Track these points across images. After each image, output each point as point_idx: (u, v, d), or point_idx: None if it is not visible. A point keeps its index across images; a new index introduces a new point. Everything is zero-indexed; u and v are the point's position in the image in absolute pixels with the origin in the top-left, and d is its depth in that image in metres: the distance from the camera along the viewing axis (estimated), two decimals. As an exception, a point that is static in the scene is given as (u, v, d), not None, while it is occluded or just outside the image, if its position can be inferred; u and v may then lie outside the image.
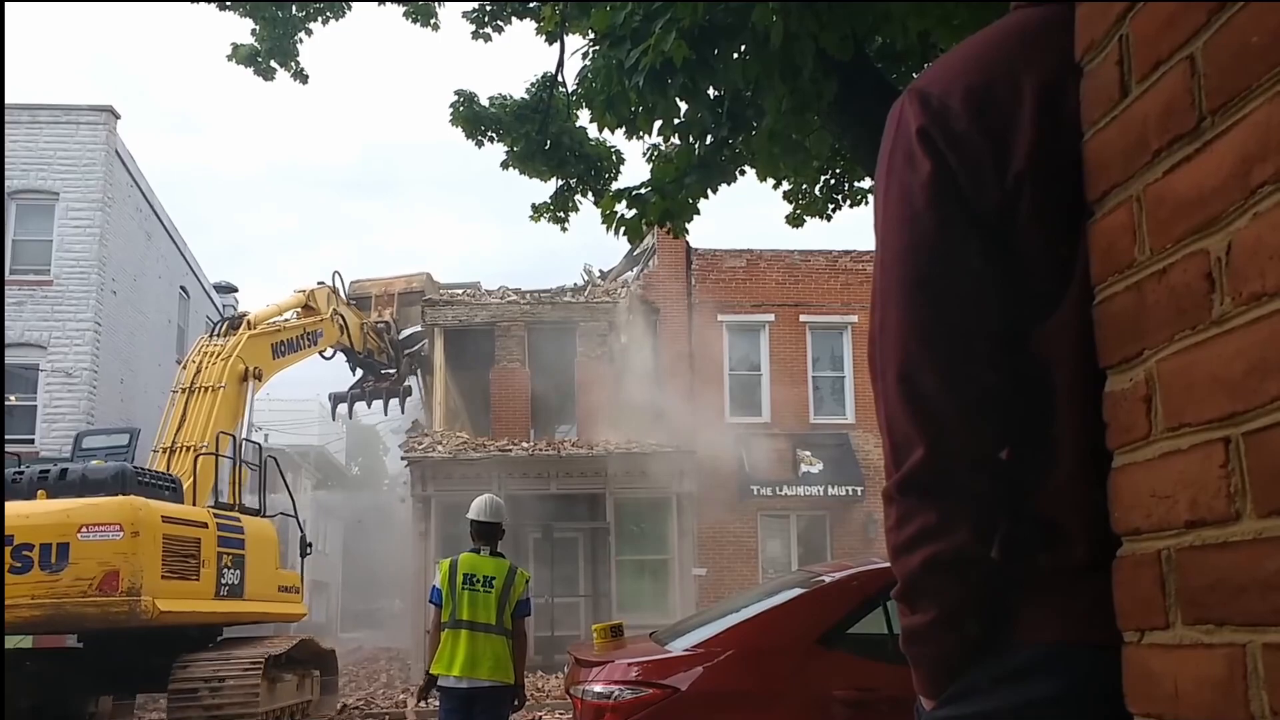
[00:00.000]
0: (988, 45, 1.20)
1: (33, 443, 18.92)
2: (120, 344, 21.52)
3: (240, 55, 10.75)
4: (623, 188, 7.89)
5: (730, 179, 7.53)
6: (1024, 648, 1.11)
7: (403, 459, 19.24)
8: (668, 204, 7.23)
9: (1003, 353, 1.13)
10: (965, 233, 1.12)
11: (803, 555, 19.31)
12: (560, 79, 9.15)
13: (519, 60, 14.06)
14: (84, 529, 9.23)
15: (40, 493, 9.68)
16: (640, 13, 5.70)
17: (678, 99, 6.02)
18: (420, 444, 18.74)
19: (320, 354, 16.16)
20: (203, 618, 10.45)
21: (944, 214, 1.13)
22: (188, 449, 11.65)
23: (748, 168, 7.49)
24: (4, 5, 5.79)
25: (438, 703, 6.01)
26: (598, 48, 6.77)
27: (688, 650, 4.73)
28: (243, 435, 12.32)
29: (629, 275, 22.02)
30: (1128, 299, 0.99)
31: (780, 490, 19.32)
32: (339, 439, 40.08)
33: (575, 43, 10.68)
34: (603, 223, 7.48)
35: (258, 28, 10.64)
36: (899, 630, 1.21)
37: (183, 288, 26.00)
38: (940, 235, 1.13)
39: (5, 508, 8.89)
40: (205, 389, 12.20)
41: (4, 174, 17.49)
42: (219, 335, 13.26)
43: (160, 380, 21.16)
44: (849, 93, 5.82)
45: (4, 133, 17.62)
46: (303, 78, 11.00)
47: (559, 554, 18.53)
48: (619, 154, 9.65)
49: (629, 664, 4.70)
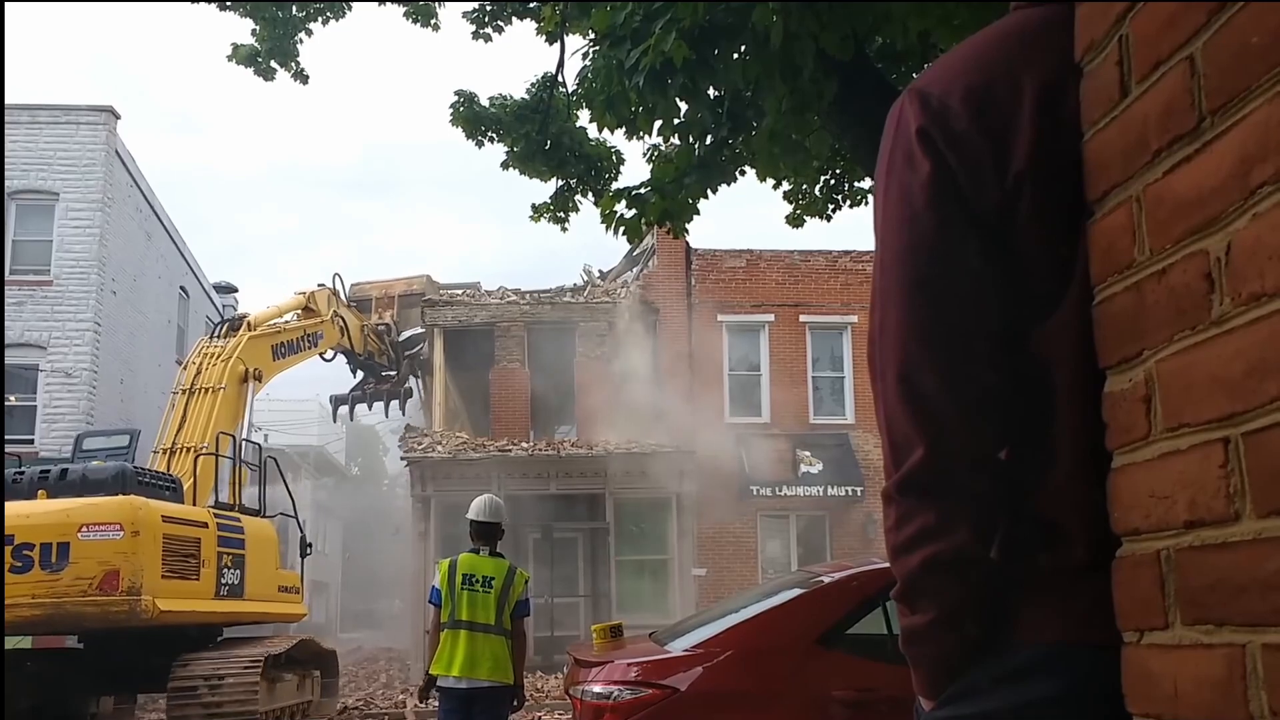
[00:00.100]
0: (988, 45, 1.20)
1: (32, 443, 18.93)
2: (120, 344, 21.51)
3: (240, 55, 10.76)
4: (623, 188, 7.90)
5: (730, 179, 7.54)
6: (1024, 648, 1.11)
7: (402, 459, 19.24)
8: (667, 204, 7.24)
9: (1003, 353, 1.13)
10: (965, 233, 1.12)
11: (802, 555, 19.30)
12: (560, 79, 9.15)
13: (519, 60, 14.13)
14: (84, 528, 9.23)
15: (41, 492, 9.68)
16: (640, 13, 5.71)
17: (678, 99, 6.03)
18: (420, 444, 18.74)
19: (320, 356, 16.16)
20: (203, 618, 10.45)
21: (944, 214, 1.13)
22: (188, 450, 11.65)
23: (748, 168, 7.49)
24: (4, 5, 5.79)
25: (437, 703, 6.02)
26: (598, 48, 6.78)
27: (687, 650, 4.73)
28: (243, 436, 12.33)
29: (629, 275, 22.01)
30: (1127, 299, 0.99)
31: (780, 490, 19.30)
32: (339, 439, 40.07)
33: (575, 43, 10.70)
34: (602, 223, 7.49)
35: (258, 28, 10.65)
36: (898, 630, 1.21)
37: (183, 288, 26.00)
38: (940, 235, 1.13)
39: (5, 507, 8.89)
40: (205, 390, 12.22)
41: (4, 174, 17.48)
42: (219, 337, 13.27)
43: (160, 380, 21.16)
44: (849, 93, 5.82)
45: (4, 133, 17.61)
46: (303, 78, 11.01)
47: (559, 554, 18.53)
48: (619, 154, 9.65)
49: (628, 664, 4.69)
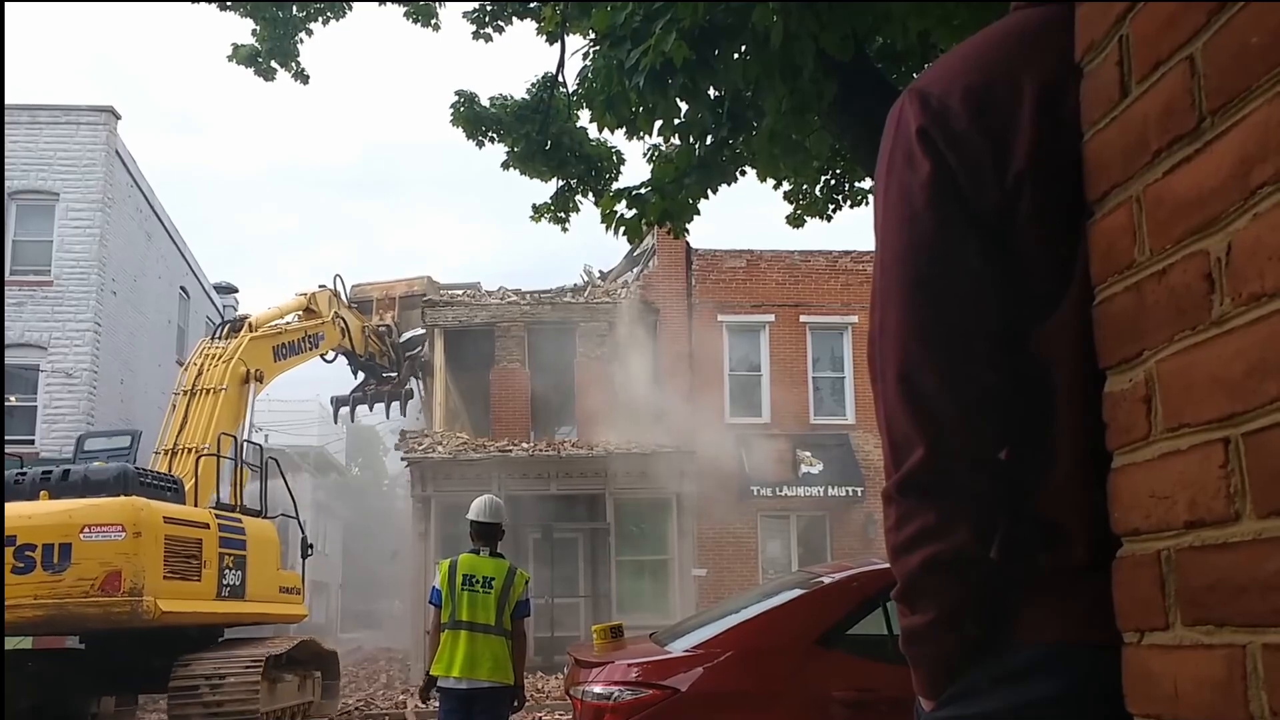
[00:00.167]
0: (988, 45, 1.20)
1: (33, 443, 18.93)
2: (120, 344, 21.51)
3: (241, 55, 10.75)
4: (623, 188, 7.89)
5: (730, 179, 7.53)
6: (1024, 648, 1.11)
7: (402, 459, 19.24)
8: (667, 204, 7.23)
9: (1003, 353, 1.13)
10: (965, 233, 1.12)
11: (803, 556, 19.29)
12: (560, 79, 9.14)
13: (519, 60, 14.10)
14: (86, 529, 9.23)
15: (43, 493, 9.68)
16: (640, 13, 5.71)
17: (678, 99, 6.02)
18: (420, 445, 18.74)
19: (321, 357, 16.16)
20: (204, 618, 10.44)
21: (943, 214, 1.13)
22: (189, 450, 11.65)
23: (748, 168, 7.49)
24: (4, 5, 5.79)
25: (438, 703, 6.02)
26: (598, 48, 6.78)
27: (687, 651, 4.72)
28: (244, 437, 12.34)
29: (629, 276, 22.01)
30: (1127, 299, 0.99)
31: (780, 491, 19.29)
32: (339, 440, 40.12)
33: (575, 43, 10.70)
34: (602, 223, 7.48)
35: (258, 28, 10.64)
36: (899, 631, 1.21)
37: (183, 288, 25.99)
38: (940, 235, 1.13)
39: (7, 508, 8.89)
40: (207, 391, 12.22)
41: (4, 174, 17.48)
42: (220, 338, 13.26)
43: (160, 381, 21.16)
44: (849, 93, 5.82)
45: (4, 133, 17.62)
46: (303, 78, 11.00)
47: (559, 554, 18.53)
48: (619, 154, 9.65)
49: (629, 665, 4.69)
